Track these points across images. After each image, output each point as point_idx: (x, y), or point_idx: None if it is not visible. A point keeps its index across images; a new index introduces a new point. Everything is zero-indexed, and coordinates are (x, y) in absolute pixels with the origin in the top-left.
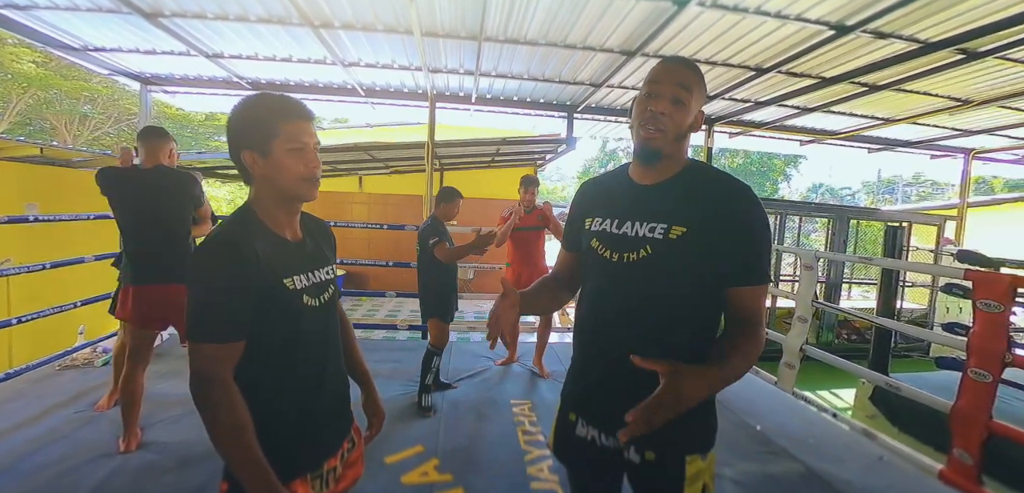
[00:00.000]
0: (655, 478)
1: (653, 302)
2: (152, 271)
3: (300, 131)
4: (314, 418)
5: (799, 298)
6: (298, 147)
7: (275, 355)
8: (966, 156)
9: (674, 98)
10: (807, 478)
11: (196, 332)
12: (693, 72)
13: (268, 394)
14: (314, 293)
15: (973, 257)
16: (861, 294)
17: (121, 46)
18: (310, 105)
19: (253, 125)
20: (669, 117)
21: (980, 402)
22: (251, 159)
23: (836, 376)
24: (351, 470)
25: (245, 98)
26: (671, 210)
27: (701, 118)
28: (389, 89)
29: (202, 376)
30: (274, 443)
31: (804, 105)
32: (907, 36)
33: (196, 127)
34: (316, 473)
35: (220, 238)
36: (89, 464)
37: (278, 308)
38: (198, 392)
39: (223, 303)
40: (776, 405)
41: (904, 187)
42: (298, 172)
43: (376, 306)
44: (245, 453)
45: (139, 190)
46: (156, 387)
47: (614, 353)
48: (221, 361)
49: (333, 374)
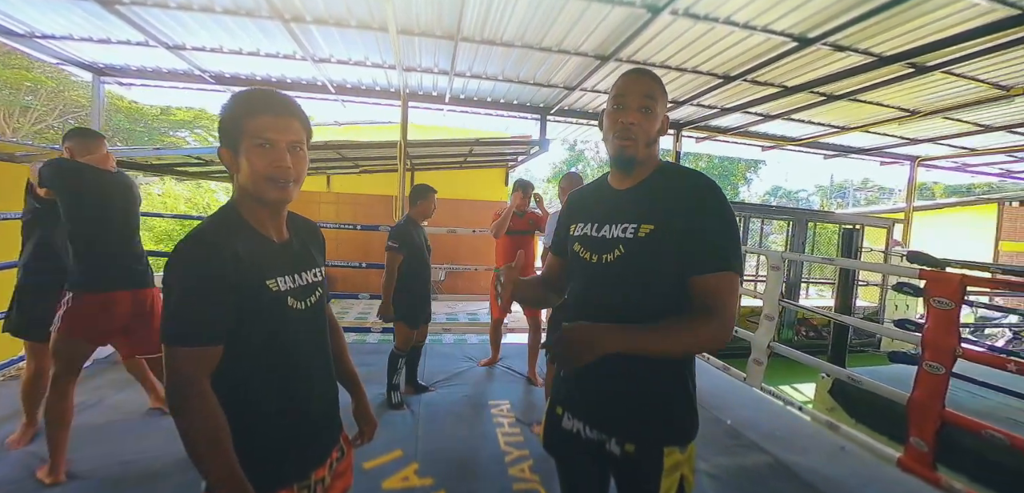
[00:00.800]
0: (634, 470)
1: (629, 298)
2: (121, 277)
3: (266, 126)
4: (301, 425)
5: (766, 297)
6: (261, 143)
7: (259, 360)
8: (912, 163)
9: (642, 107)
10: (775, 469)
11: (171, 336)
12: (656, 82)
13: (252, 400)
14: (300, 296)
15: (922, 258)
16: (817, 293)
17: (73, 34)
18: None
19: (228, 122)
20: (639, 125)
21: (934, 393)
22: (227, 157)
23: (796, 371)
24: (340, 481)
25: (232, 94)
26: (641, 210)
27: (667, 123)
28: (361, 86)
29: (178, 382)
30: (258, 452)
31: (767, 113)
32: (863, 50)
33: (150, 121)
34: (303, 483)
35: (198, 237)
36: None
37: (261, 310)
38: (173, 399)
39: (199, 306)
40: (745, 400)
41: (854, 191)
42: (261, 171)
43: (346, 308)
44: (221, 465)
45: (107, 190)
46: (114, 397)
47: None
48: (197, 366)
49: (321, 380)
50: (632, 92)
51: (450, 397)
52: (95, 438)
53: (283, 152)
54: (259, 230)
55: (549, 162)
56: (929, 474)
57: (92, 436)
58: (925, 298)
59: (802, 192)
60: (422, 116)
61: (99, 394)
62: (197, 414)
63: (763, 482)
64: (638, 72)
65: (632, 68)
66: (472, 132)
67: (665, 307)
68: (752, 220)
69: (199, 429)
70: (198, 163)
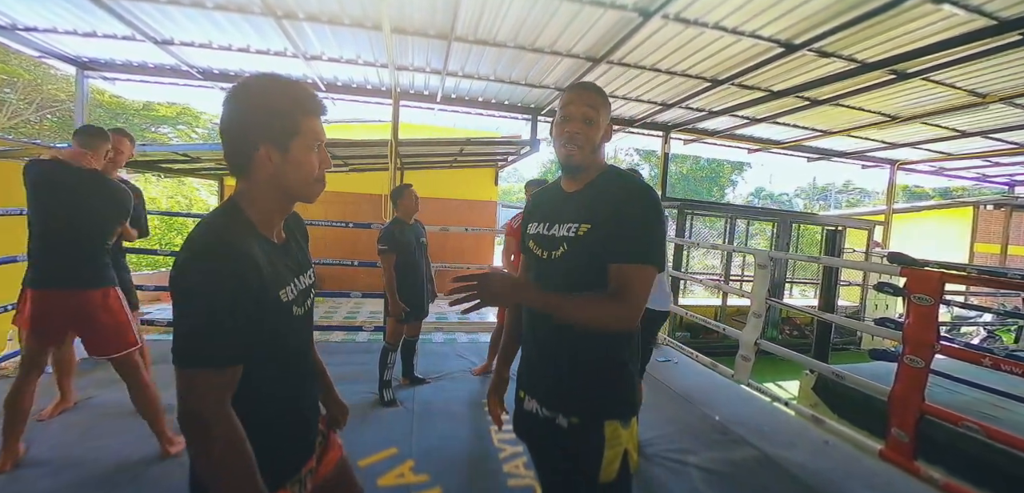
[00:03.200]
0: (579, 442)
1: (572, 290)
2: (59, 275)
3: (319, 129)
4: (297, 426)
5: (754, 296)
6: (316, 144)
7: (263, 366)
8: (892, 167)
9: (585, 118)
10: (763, 462)
11: (191, 358)
12: (598, 95)
13: (255, 405)
14: (300, 302)
15: (902, 259)
16: (800, 293)
17: (57, 26)
18: None
19: (275, 116)
20: (582, 134)
21: (914, 386)
22: (267, 154)
23: (780, 369)
24: (327, 455)
25: (255, 82)
26: (582, 211)
27: (610, 130)
28: (352, 85)
29: (201, 410)
30: (264, 452)
31: (753, 116)
32: (846, 56)
33: (131, 116)
34: (295, 478)
35: (215, 244)
36: (32, 482)
37: (270, 319)
38: (194, 428)
39: (224, 322)
40: (733, 396)
41: (836, 194)
42: (313, 172)
43: (334, 306)
44: (247, 485)
45: (73, 193)
46: (102, 395)
47: (544, 335)
48: (222, 390)
49: (311, 380)
50: (577, 103)
51: (444, 395)
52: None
53: (326, 153)
54: (264, 233)
55: (539, 162)
56: (909, 465)
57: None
58: (906, 295)
59: (784, 194)
60: (413, 115)
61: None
62: (226, 444)
63: (751, 475)
64: (582, 87)
65: (577, 82)
66: (463, 131)
67: (599, 285)
68: (738, 221)
69: (228, 460)
70: (184, 160)
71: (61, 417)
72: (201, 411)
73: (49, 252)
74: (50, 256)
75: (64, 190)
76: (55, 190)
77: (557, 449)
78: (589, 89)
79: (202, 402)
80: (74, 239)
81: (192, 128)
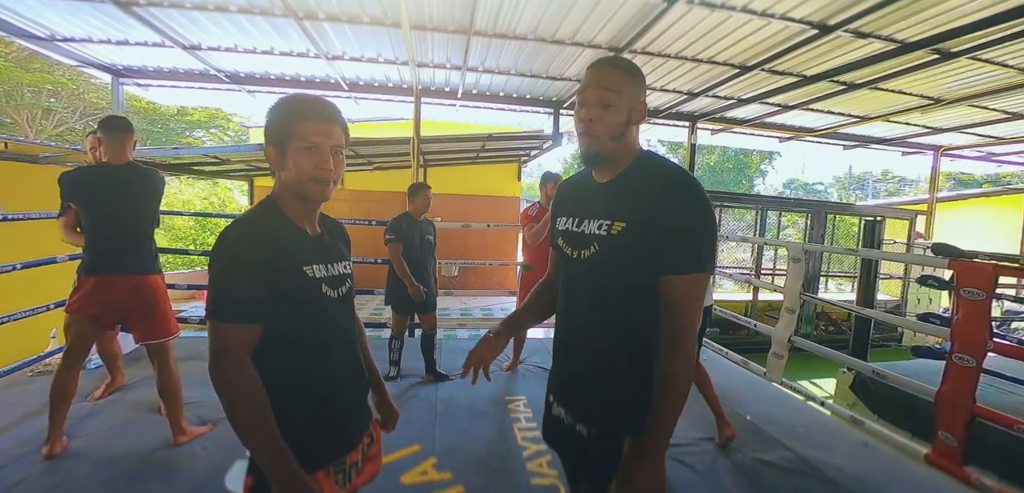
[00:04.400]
0: (598, 453)
1: (603, 295)
2: (115, 260)
3: (313, 131)
4: (336, 410)
5: (787, 290)
6: (308, 146)
7: (296, 341)
8: (935, 153)
9: (601, 102)
10: (798, 464)
11: (214, 312)
12: (618, 71)
13: (292, 383)
14: (333, 284)
15: (950, 250)
16: (837, 286)
17: (92, 36)
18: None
19: (277, 122)
20: (599, 121)
21: (964, 386)
22: (273, 154)
23: (815, 366)
24: (370, 464)
25: (281, 96)
26: (615, 206)
27: (641, 109)
28: (373, 83)
29: (219, 357)
30: (297, 434)
31: (784, 103)
32: (885, 36)
33: (167, 121)
34: (339, 466)
35: (241, 223)
36: (70, 476)
37: (299, 294)
38: (215, 373)
39: (240, 284)
40: (765, 395)
41: (874, 183)
42: (307, 171)
43: (361, 303)
44: (263, 435)
45: (108, 189)
46: (138, 389)
47: (575, 341)
48: (237, 342)
49: (351, 366)
50: (592, 86)
51: (468, 393)
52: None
53: (327, 155)
54: (296, 223)
55: (562, 157)
56: (958, 470)
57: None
58: (954, 290)
59: (819, 184)
60: (435, 112)
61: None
62: (236, 387)
63: (784, 478)
64: (599, 65)
65: (599, 58)
66: (486, 127)
67: (631, 303)
68: (769, 213)
69: (239, 401)
70: (215, 162)
71: (98, 410)
72: (220, 358)
73: (105, 241)
74: (106, 245)
75: (93, 186)
76: (82, 189)
77: (581, 458)
78: (606, 65)
79: (221, 350)
80: (120, 231)
81: (224, 131)
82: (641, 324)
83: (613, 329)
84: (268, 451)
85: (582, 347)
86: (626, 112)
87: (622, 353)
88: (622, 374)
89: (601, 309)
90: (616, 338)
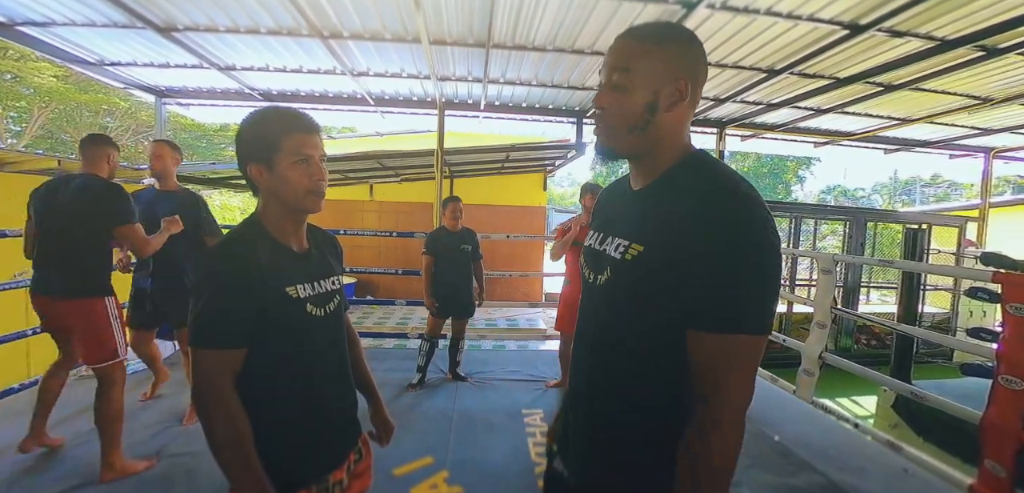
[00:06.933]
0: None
1: (611, 336)
2: (38, 280)
3: (302, 143)
4: (319, 428)
5: (817, 304)
6: (301, 160)
7: (279, 363)
8: (987, 155)
9: (613, 85)
10: (828, 490)
11: (196, 338)
12: (634, 42)
13: (272, 403)
14: (319, 303)
15: (998, 259)
16: (880, 298)
17: (136, 60)
18: (320, 115)
19: (258, 139)
20: (610, 108)
21: (1012, 411)
22: (257, 172)
23: (855, 383)
24: (358, 482)
25: (251, 112)
26: (637, 223)
27: (680, 90)
28: (398, 98)
29: (201, 384)
30: (277, 452)
31: (818, 106)
32: (923, 34)
33: (211, 137)
34: (321, 485)
35: (221, 247)
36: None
37: (281, 316)
38: (198, 400)
39: (222, 310)
40: (795, 414)
41: (922, 188)
42: (302, 185)
43: (387, 314)
44: (242, 466)
45: (51, 203)
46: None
47: (578, 386)
48: (220, 368)
49: (338, 384)
50: (606, 65)
51: (484, 405)
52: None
53: (318, 166)
54: (281, 241)
55: (587, 166)
56: None
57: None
58: (1002, 304)
59: (861, 190)
60: (459, 124)
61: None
62: (218, 416)
63: None
64: (617, 38)
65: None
66: (510, 137)
67: (644, 351)
68: (805, 221)
69: (220, 432)
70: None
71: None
72: (202, 385)
73: (37, 258)
74: (36, 261)
75: (39, 200)
76: (34, 200)
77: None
78: (623, 36)
79: (203, 377)
80: (45, 249)
81: None
82: (657, 392)
83: (623, 389)
84: (246, 482)
85: (585, 406)
86: (648, 93)
87: (633, 427)
88: (632, 456)
89: (607, 358)
90: (626, 402)
